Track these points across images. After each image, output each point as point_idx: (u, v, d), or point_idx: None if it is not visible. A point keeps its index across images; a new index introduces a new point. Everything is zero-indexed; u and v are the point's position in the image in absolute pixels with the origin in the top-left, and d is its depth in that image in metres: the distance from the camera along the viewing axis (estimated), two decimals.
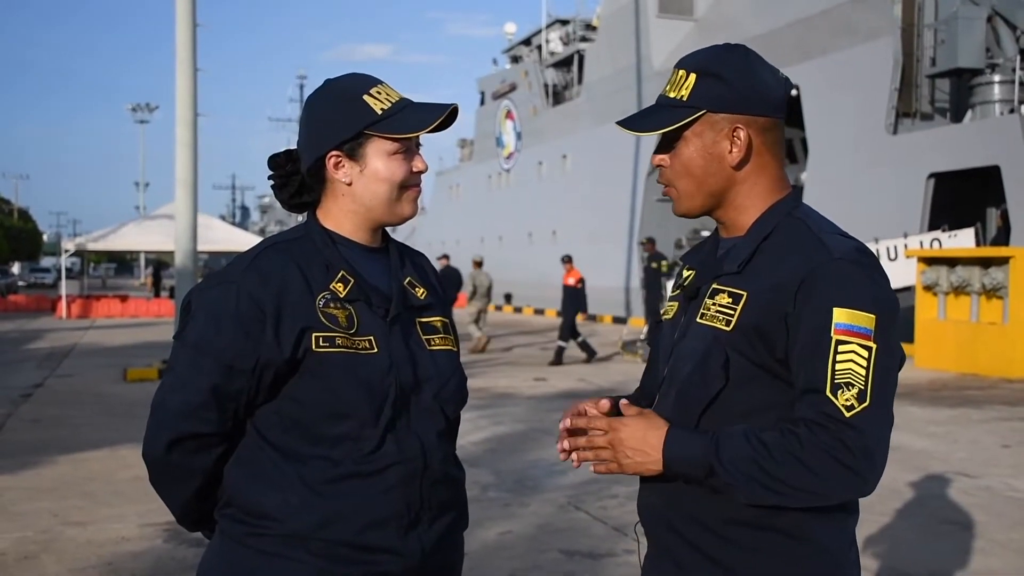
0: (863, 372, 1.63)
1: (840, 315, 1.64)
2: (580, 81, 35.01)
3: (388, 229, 2.06)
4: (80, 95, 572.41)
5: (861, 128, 20.33)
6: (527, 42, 42.82)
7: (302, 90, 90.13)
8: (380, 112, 1.90)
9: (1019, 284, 14.24)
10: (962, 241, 16.99)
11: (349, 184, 1.93)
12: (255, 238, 28.86)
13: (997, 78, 18.89)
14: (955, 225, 17.66)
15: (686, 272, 1.91)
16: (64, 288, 30.64)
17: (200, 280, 1.85)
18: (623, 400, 1.86)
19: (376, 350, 1.87)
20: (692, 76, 1.79)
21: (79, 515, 6.21)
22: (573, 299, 16.77)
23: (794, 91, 21.99)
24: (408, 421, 1.89)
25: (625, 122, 1.84)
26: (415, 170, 1.96)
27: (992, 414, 10.79)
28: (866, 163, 20.05)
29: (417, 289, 2.01)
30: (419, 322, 1.98)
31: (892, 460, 1.50)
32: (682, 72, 1.81)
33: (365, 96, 1.91)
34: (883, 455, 1.66)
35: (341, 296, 1.88)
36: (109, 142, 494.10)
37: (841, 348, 1.63)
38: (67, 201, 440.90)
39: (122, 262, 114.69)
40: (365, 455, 1.84)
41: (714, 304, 1.77)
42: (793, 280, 1.68)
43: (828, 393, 1.62)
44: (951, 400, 11.87)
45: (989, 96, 19.00)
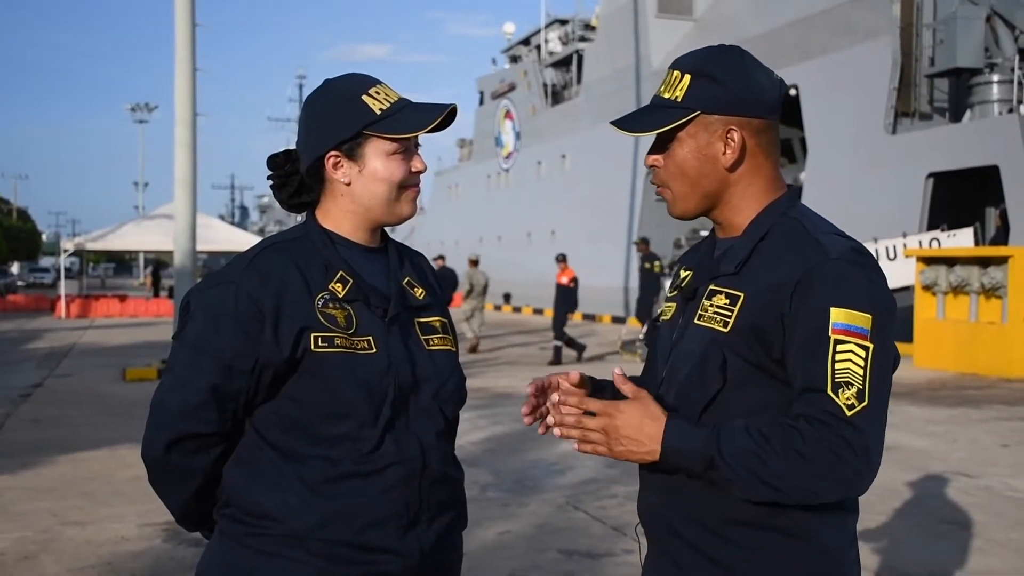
0: (861, 372, 1.63)
1: (837, 315, 1.64)
2: (579, 81, 35.01)
3: (387, 229, 2.06)
4: (79, 95, 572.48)
5: (860, 128, 20.34)
6: (526, 42, 42.82)
7: (301, 90, 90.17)
8: (379, 112, 1.91)
9: (1018, 284, 14.24)
10: (961, 241, 17.00)
11: (348, 184, 1.94)
12: (254, 238, 28.84)
13: (996, 78, 18.90)
14: (954, 225, 17.66)
15: (683, 273, 1.91)
16: (63, 288, 30.66)
17: (199, 280, 1.85)
18: (617, 371, 1.79)
19: (375, 350, 1.87)
20: (687, 77, 1.79)
21: (78, 515, 6.21)
22: (565, 298, 16.87)
23: (793, 91, 22.01)
24: (407, 421, 1.89)
25: (619, 122, 1.84)
26: (414, 170, 1.96)
27: (991, 414, 10.80)
28: (865, 163, 20.06)
29: (416, 289, 2.01)
30: (418, 322, 1.98)
31: (891, 460, 1.51)
32: (677, 73, 1.81)
33: (364, 96, 1.92)
34: (879, 454, 1.67)
35: (340, 296, 1.88)
36: (108, 142, 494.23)
37: (840, 348, 1.63)
38: (66, 201, 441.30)
39: (121, 262, 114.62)
40: (364, 455, 1.84)
41: (712, 306, 1.78)
42: (790, 280, 1.69)
43: (830, 392, 1.62)
44: (950, 400, 11.88)
45: (988, 96, 19.01)
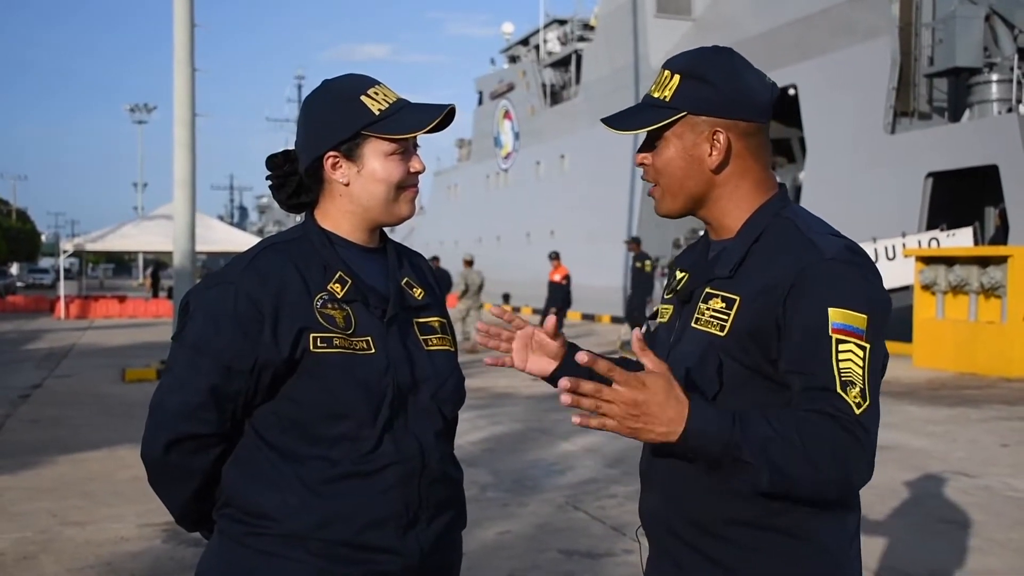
0: (860, 371, 1.63)
1: (835, 315, 1.64)
2: (578, 81, 35.01)
3: (386, 229, 2.06)
4: (79, 95, 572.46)
5: (859, 127, 20.35)
6: (525, 42, 42.83)
7: (300, 90, 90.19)
8: (378, 113, 1.91)
9: (1017, 283, 14.24)
10: (960, 240, 17.01)
11: (347, 184, 1.94)
12: (253, 238, 28.85)
13: (995, 77, 18.91)
14: (953, 224, 17.67)
15: (679, 274, 1.91)
16: (62, 288, 30.66)
17: (198, 281, 1.85)
18: (637, 333, 1.64)
19: (373, 350, 1.87)
20: (676, 77, 1.79)
21: (78, 515, 6.21)
22: (557, 295, 16.93)
23: (792, 90, 22.03)
24: (406, 421, 1.89)
25: (609, 120, 1.85)
26: (412, 171, 1.96)
27: (991, 413, 10.80)
28: (864, 162, 20.07)
29: (415, 290, 2.01)
30: (416, 322, 1.99)
31: (891, 459, 1.50)
32: (667, 73, 1.81)
33: (363, 97, 1.92)
34: (875, 455, 1.67)
35: (339, 297, 1.88)
36: (107, 142, 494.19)
37: (841, 347, 1.63)
38: (65, 202, 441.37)
39: (120, 263, 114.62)
40: (363, 455, 1.84)
41: (708, 309, 1.77)
42: (784, 281, 1.68)
43: (839, 390, 1.61)
44: (950, 399, 11.88)
45: (987, 95, 19.01)
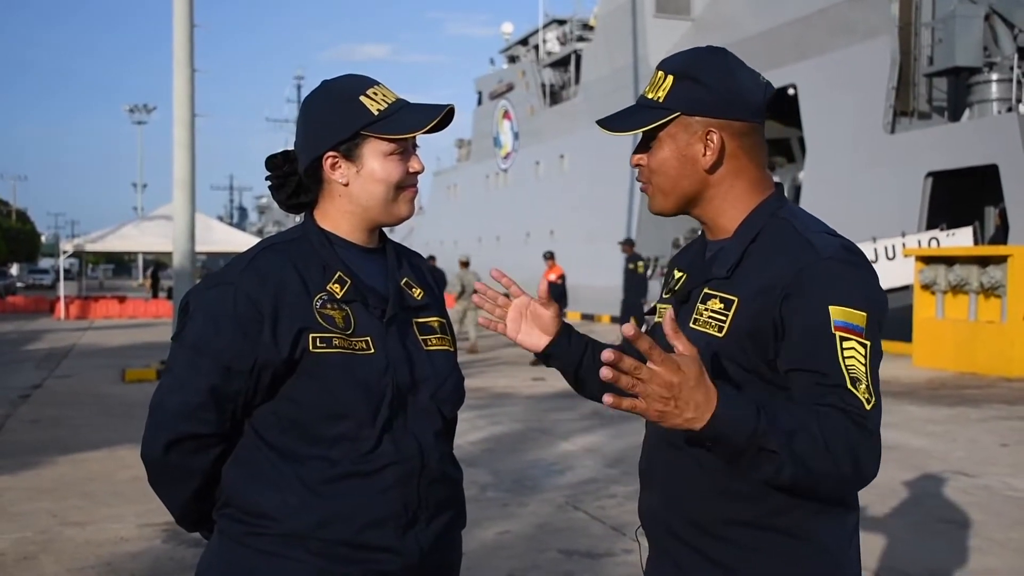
0: (864, 369, 1.63)
1: (836, 313, 1.64)
2: (577, 81, 35.03)
3: (386, 229, 2.06)
4: (79, 96, 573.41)
5: (859, 127, 20.36)
6: (524, 42, 42.86)
7: (300, 90, 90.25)
8: (376, 113, 1.91)
9: (1017, 283, 14.24)
10: (960, 240, 17.01)
11: (346, 185, 1.94)
12: (253, 239, 28.85)
13: (995, 77, 18.92)
14: (953, 224, 17.68)
15: (677, 274, 1.90)
16: (62, 289, 30.66)
17: (198, 281, 1.85)
18: (670, 313, 1.58)
19: (373, 351, 1.87)
20: (670, 78, 1.79)
21: (78, 515, 6.21)
22: (552, 295, 16.92)
23: (791, 90, 22.04)
24: (405, 421, 1.89)
25: (603, 121, 1.85)
26: (411, 171, 1.96)
27: (990, 413, 10.80)
28: (864, 162, 20.07)
29: (414, 290, 2.01)
30: (416, 322, 1.99)
31: (890, 459, 1.50)
32: (661, 73, 1.81)
33: (362, 97, 1.92)
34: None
35: (338, 297, 1.88)
36: (107, 143, 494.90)
37: (845, 344, 1.63)
38: (65, 202, 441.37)
39: (120, 263, 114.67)
40: (363, 455, 1.85)
41: (706, 310, 1.77)
42: (782, 281, 1.68)
43: (850, 387, 1.61)
44: (949, 399, 11.88)
45: (987, 95, 19.03)
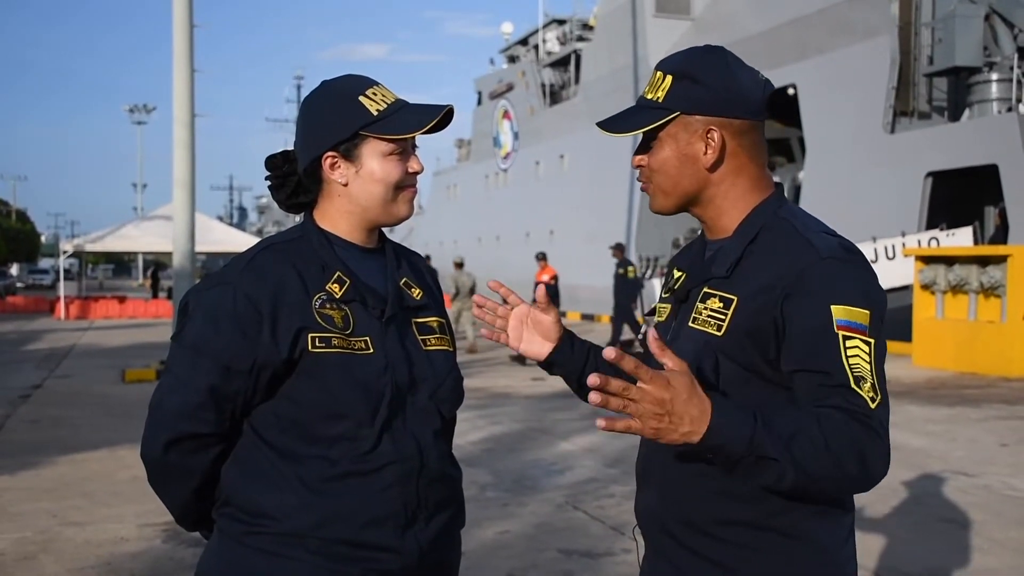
0: (868, 367, 1.63)
1: (839, 312, 1.64)
2: (577, 81, 35.01)
3: (385, 229, 2.07)
4: (79, 96, 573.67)
5: (859, 127, 20.36)
6: (524, 42, 42.84)
7: (299, 90, 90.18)
8: (376, 113, 1.91)
9: (1017, 282, 14.24)
10: (960, 240, 17.01)
11: (345, 185, 1.94)
12: (253, 239, 28.85)
13: (995, 77, 18.92)
14: (953, 224, 17.68)
15: (676, 273, 1.91)
16: (62, 289, 30.66)
17: (198, 281, 1.86)
18: (653, 333, 1.58)
19: (372, 350, 1.88)
20: (669, 78, 1.79)
21: (78, 515, 6.22)
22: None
23: (791, 90, 22.03)
24: (404, 421, 1.90)
25: (604, 123, 1.85)
26: (411, 171, 1.96)
27: (990, 413, 10.80)
28: (864, 162, 20.07)
29: (413, 290, 2.01)
30: (415, 322, 1.99)
31: (891, 459, 1.50)
32: (660, 74, 1.81)
33: (361, 97, 1.92)
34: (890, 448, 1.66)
35: (337, 297, 1.89)
36: (107, 143, 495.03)
37: (848, 343, 1.63)
38: (65, 202, 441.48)
39: (120, 263, 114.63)
40: (362, 454, 1.85)
41: (705, 308, 1.77)
42: (782, 281, 1.69)
43: (854, 386, 1.61)
44: (949, 399, 11.88)
45: (987, 95, 19.03)
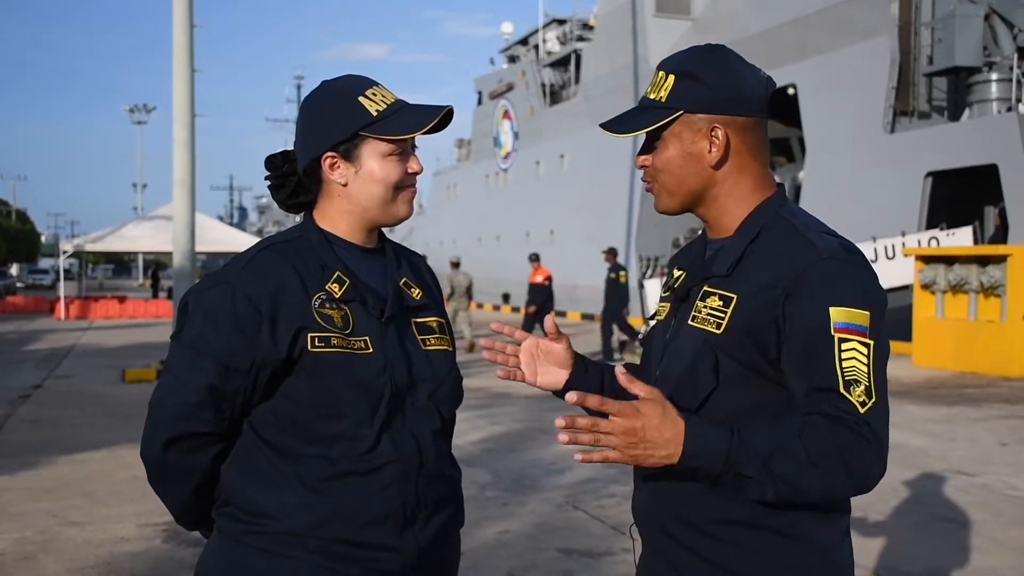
0: (865, 369, 1.63)
1: (837, 314, 1.64)
2: (577, 81, 34.99)
3: (385, 229, 2.07)
4: (79, 95, 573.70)
5: (859, 127, 20.35)
6: (524, 42, 42.81)
7: (299, 90, 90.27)
8: (375, 114, 1.92)
9: (1017, 282, 14.24)
10: (960, 239, 17.01)
11: (345, 185, 1.95)
12: (253, 238, 28.84)
13: (995, 76, 18.91)
14: (953, 223, 17.69)
15: (676, 273, 1.91)
16: (62, 289, 30.67)
17: (198, 281, 1.86)
18: (620, 369, 1.69)
19: (371, 350, 1.88)
20: (671, 77, 1.80)
21: (78, 515, 6.22)
22: (540, 297, 16.82)
23: (791, 90, 22.02)
24: (404, 420, 1.90)
25: (607, 124, 1.85)
26: (410, 171, 1.97)
27: (990, 412, 10.81)
28: (864, 162, 20.06)
29: (413, 290, 2.02)
30: (415, 322, 1.99)
31: (890, 458, 1.49)
32: (662, 73, 1.82)
33: (360, 98, 1.93)
34: (887, 450, 1.66)
35: (337, 296, 1.89)
36: (107, 143, 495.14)
37: (844, 346, 1.63)
38: (65, 202, 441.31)
39: (120, 263, 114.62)
40: (361, 454, 1.85)
41: (705, 307, 1.78)
42: (783, 281, 1.69)
43: (843, 391, 1.61)
44: (949, 398, 11.89)
45: (987, 95, 19.02)
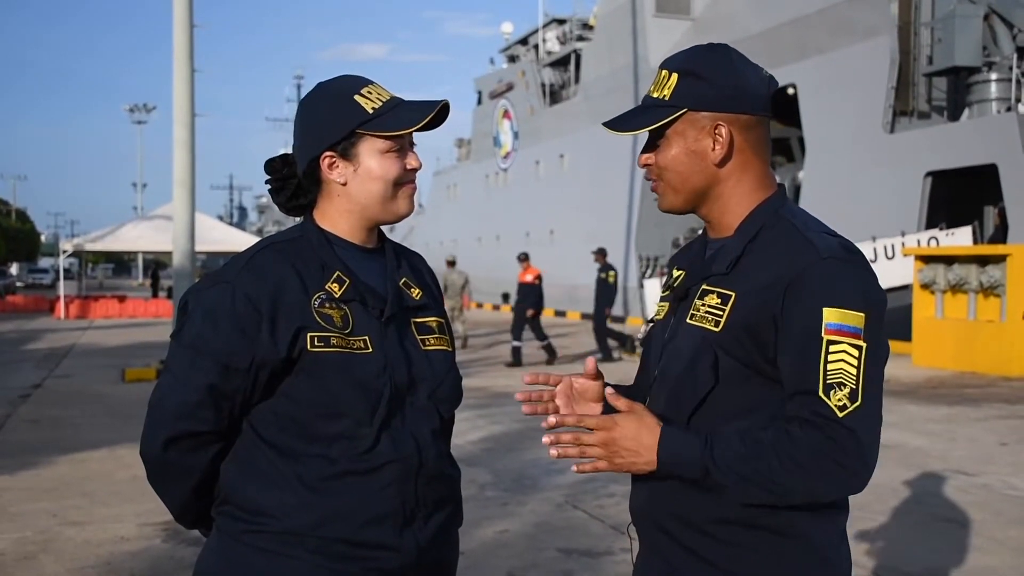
0: (854, 371, 1.63)
1: (830, 315, 1.65)
2: (577, 81, 35.00)
3: (385, 228, 2.07)
4: (79, 95, 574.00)
5: (858, 127, 20.35)
6: (524, 42, 42.81)
7: (299, 90, 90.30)
8: (371, 111, 1.92)
9: (1016, 282, 14.25)
10: (959, 239, 17.01)
11: (344, 184, 1.95)
12: (253, 238, 28.84)
13: (994, 76, 18.92)
14: (952, 223, 17.68)
15: (676, 272, 1.92)
16: (62, 288, 30.67)
17: (197, 280, 1.86)
18: (609, 390, 1.81)
19: (371, 350, 1.88)
20: (674, 76, 1.81)
21: (78, 515, 6.22)
22: (530, 296, 16.78)
23: (791, 90, 22.02)
24: (403, 420, 1.90)
25: (610, 123, 1.86)
26: (409, 167, 1.97)
27: (990, 412, 10.81)
28: (863, 162, 20.06)
29: (412, 290, 2.02)
30: (414, 322, 2.00)
31: (890, 458, 1.50)
32: (665, 72, 1.83)
33: (356, 96, 1.93)
34: (875, 453, 1.67)
35: (336, 296, 1.89)
36: (107, 143, 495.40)
37: (832, 348, 1.64)
38: (65, 202, 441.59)
39: (120, 263, 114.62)
40: (361, 453, 1.86)
41: (703, 305, 1.78)
42: (782, 280, 1.69)
43: (821, 394, 1.63)
44: (949, 398, 11.89)
45: (986, 94, 19.02)
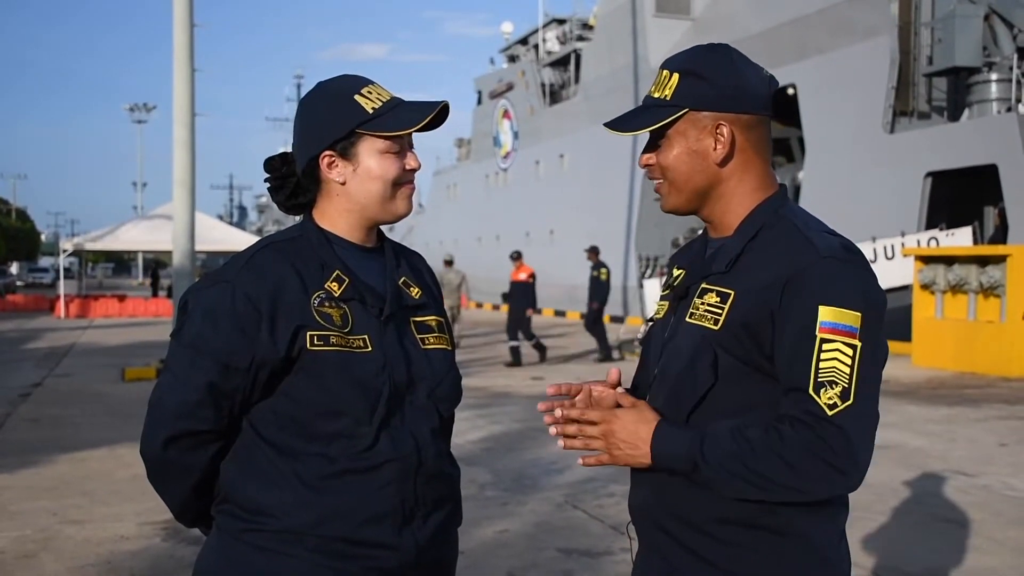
0: (847, 370, 1.64)
1: (825, 313, 1.65)
2: (577, 80, 34.99)
3: (385, 228, 2.07)
4: (79, 95, 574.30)
5: (858, 127, 20.35)
6: (524, 41, 42.80)
7: (299, 90, 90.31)
8: (371, 111, 1.92)
9: (1016, 282, 14.25)
10: (959, 240, 17.01)
11: (343, 183, 1.95)
12: (252, 238, 28.85)
13: (994, 77, 18.92)
14: (952, 224, 17.68)
15: (676, 271, 1.92)
16: (62, 288, 30.68)
17: (197, 280, 1.86)
18: (619, 390, 1.87)
19: (370, 349, 1.89)
20: (675, 76, 1.81)
21: (78, 514, 6.22)
22: (524, 295, 16.75)
23: (791, 90, 22.02)
24: (402, 419, 1.91)
25: (611, 123, 1.87)
26: (408, 168, 1.97)
27: (989, 412, 10.81)
28: (863, 162, 20.06)
29: (412, 289, 2.02)
30: (414, 321, 2.00)
31: (890, 458, 1.50)
32: (666, 72, 1.84)
33: (356, 96, 1.93)
34: (867, 452, 1.67)
35: (336, 295, 1.90)
36: (107, 142, 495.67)
37: (825, 347, 1.65)
38: (65, 201, 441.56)
39: (120, 262, 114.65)
40: (360, 452, 1.86)
41: (703, 304, 1.79)
42: (780, 278, 1.70)
43: (811, 392, 1.64)
44: (949, 399, 11.89)
45: (986, 95, 19.02)
